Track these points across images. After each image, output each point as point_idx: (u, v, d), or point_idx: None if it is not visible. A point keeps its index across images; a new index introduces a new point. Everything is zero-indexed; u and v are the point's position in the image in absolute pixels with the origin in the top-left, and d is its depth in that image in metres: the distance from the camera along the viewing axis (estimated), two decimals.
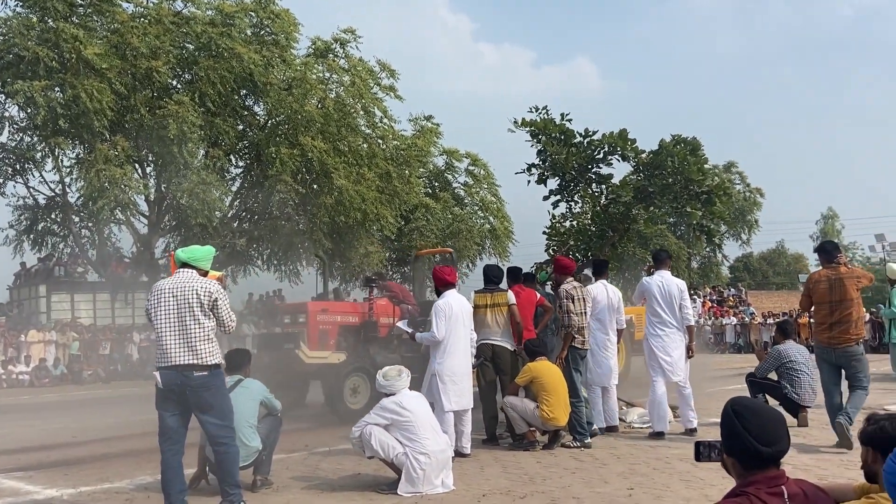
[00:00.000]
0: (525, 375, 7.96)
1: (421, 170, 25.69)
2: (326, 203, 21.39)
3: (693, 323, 8.94)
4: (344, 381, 10.58)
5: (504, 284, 8.90)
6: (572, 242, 15.05)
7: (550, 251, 15.24)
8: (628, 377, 13.32)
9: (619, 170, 22.07)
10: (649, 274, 9.14)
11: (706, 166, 14.84)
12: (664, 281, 8.74)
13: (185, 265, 5.41)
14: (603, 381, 9.04)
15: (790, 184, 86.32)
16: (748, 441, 2.44)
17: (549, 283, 12.77)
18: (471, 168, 29.30)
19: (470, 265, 29.55)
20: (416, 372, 7.71)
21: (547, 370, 7.90)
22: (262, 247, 23.87)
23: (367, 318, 11.47)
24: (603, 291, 9.14)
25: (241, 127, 22.30)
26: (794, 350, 9.48)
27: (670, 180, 14.12)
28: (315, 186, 21.91)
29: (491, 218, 29.18)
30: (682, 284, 8.84)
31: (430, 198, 26.42)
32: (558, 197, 15.30)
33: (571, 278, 8.76)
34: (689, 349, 8.67)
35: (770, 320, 28.26)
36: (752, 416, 2.48)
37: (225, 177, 22.22)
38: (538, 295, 9.60)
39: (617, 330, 9.24)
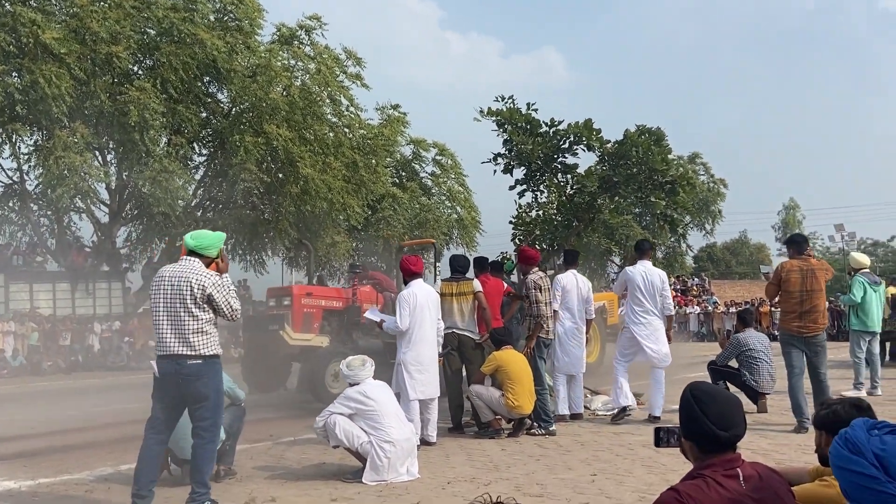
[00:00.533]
0: (490, 364, 8.00)
1: (388, 159, 25.63)
2: (292, 192, 21.26)
3: (673, 312, 9.25)
4: (326, 365, 10.64)
5: (471, 274, 8.95)
6: (538, 232, 15.14)
7: (516, 241, 15.32)
8: (603, 364, 13.52)
9: (585, 160, 22.34)
10: (632, 264, 9.28)
11: (670, 156, 14.99)
12: (647, 271, 8.91)
13: (191, 252, 5.28)
14: (570, 370, 9.14)
15: (753, 174, 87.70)
16: (706, 425, 2.48)
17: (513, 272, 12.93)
18: (438, 158, 29.32)
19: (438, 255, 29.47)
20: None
21: (512, 359, 7.96)
22: (226, 236, 23.63)
23: (350, 303, 11.60)
24: (573, 281, 9.24)
25: (204, 114, 22.02)
26: (754, 338, 9.64)
27: (635, 170, 14.25)
28: (280, 175, 21.76)
29: (458, 208, 29.23)
30: (664, 275, 9.04)
31: (397, 187, 26.38)
32: (524, 187, 15.34)
33: (537, 268, 8.84)
34: (667, 336, 8.91)
35: (732, 309, 28.67)
36: (711, 401, 2.52)
37: (188, 165, 21.94)
38: (505, 284, 9.68)
39: (586, 320, 9.36)
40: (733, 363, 9.75)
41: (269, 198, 22.48)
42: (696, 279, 38.47)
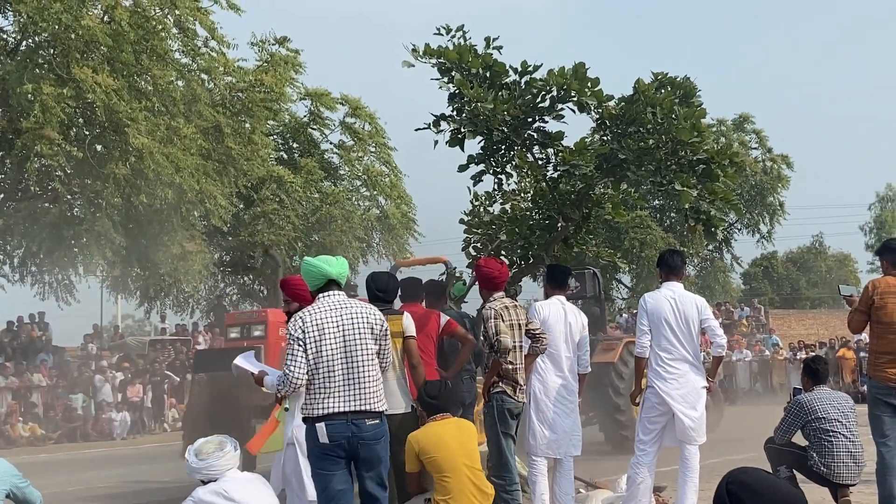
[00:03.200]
0: (410, 454, 7.90)
1: (270, 122, 25.75)
2: (118, 174, 21.06)
3: (724, 353, 9.49)
4: None
5: (398, 304, 9.09)
6: (503, 237, 15.05)
7: (471, 250, 15.09)
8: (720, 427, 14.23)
9: (575, 126, 22.24)
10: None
11: (704, 121, 14.99)
12: (677, 297, 9.07)
13: (332, 284, 7.12)
14: (555, 450, 9.16)
15: (831, 152, 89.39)
16: None
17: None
18: (349, 121, 29.33)
19: (350, 273, 29.35)
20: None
21: (440, 436, 7.87)
22: (10, 243, 23.40)
23: None
24: (559, 313, 9.31)
25: None
26: (827, 401, 9.66)
27: (651, 142, 14.16)
28: (99, 148, 21.62)
29: (381, 198, 29.41)
30: (702, 301, 9.25)
31: (284, 167, 26.26)
32: (482, 166, 15.17)
33: (502, 293, 8.88)
34: (708, 384, 9.16)
35: (802, 354, 29.09)
36: (752, 498, 2.62)
37: None
38: (443, 318, 9.64)
39: (579, 375, 9.44)
40: (800, 439, 9.78)
41: (80, 183, 22.24)
42: (745, 309, 38.80)
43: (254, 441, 8.33)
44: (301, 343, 6.93)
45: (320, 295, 7.10)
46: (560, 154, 14.32)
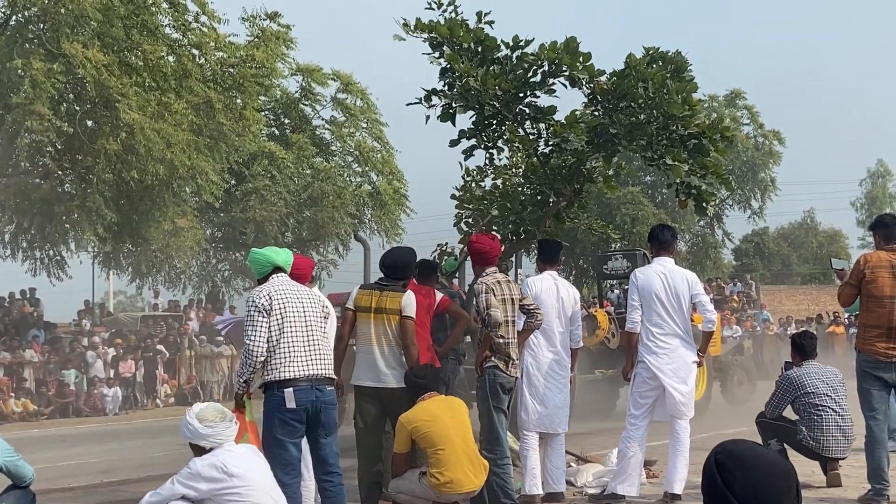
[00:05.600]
0: (400, 434, 7.96)
1: (262, 98, 25.63)
2: (108, 150, 21.04)
3: (714, 328, 9.60)
4: None
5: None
6: (495, 212, 14.90)
7: (463, 226, 14.93)
8: (711, 401, 14.97)
9: (567, 100, 22.06)
10: (646, 262, 9.47)
11: (696, 96, 14.96)
12: (667, 273, 9.11)
13: (278, 270, 7.64)
14: (546, 425, 9.19)
15: (821, 125, 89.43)
16: None
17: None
18: (341, 97, 29.32)
19: (341, 248, 29.37)
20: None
21: (433, 412, 7.95)
22: (1, 219, 23.50)
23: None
24: (551, 288, 9.34)
25: None
26: (816, 375, 9.82)
27: (642, 117, 14.13)
28: (90, 123, 21.57)
29: (373, 174, 29.36)
30: (693, 277, 9.30)
31: (275, 143, 26.18)
32: (473, 141, 15.02)
33: (495, 269, 8.88)
34: (699, 357, 9.22)
35: (792, 329, 29.26)
36: (740, 469, 2.60)
37: None
38: (438, 295, 9.76)
39: (571, 349, 9.46)
40: (791, 413, 9.96)
41: (71, 159, 22.22)
42: (737, 284, 39.03)
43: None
44: (265, 314, 7.34)
45: (272, 276, 7.62)
46: (552, 129, 14.24)
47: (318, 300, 7.76)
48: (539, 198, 15.13)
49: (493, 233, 13.36)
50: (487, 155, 15.16)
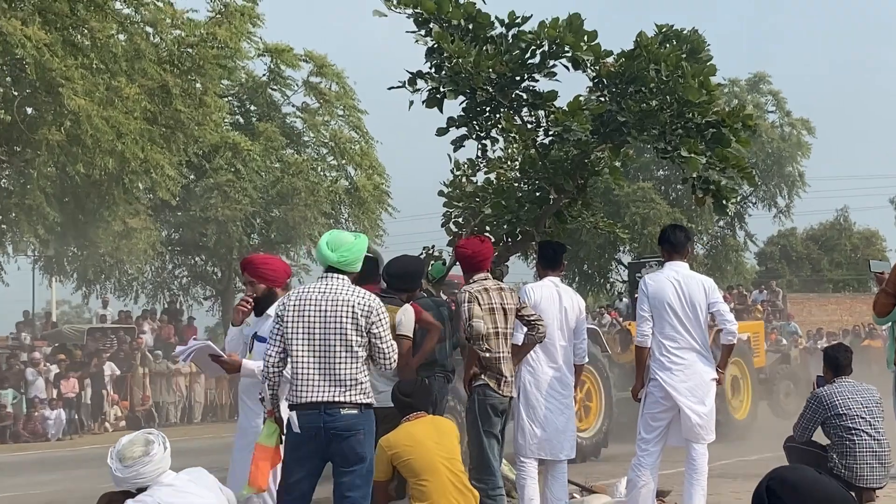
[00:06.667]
0: (381, 459, 7.71)
1: (224, 82, 25.73)
2: (51, 140, 20.60)
3: (735, 340, 9.30)
4: None
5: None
6: (488, 211, 14.69)
7: (451, 226, 14.85)
8: (756, 420, 16.11)
9: (569, 85, 21.93)
10: (658, 266, 9.58)
11: (715, 80, 14.75)
12: (681, 279, 8.94)
13: (331, 269, 7.05)
14: (547, 451, 9.13)
15: (855, 115, 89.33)
16: None
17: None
18: (314, 80, 29.26)
19: (314, 252, 29.59)
20: None
21: (413, 436, 7.81)
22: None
23: None
24: (553, 297, 9.27)
25: None
26: (849, 394, 9.55)
27: (654, 103, 13.91)
28: (30, 110, 21.33)
29: (351, 168, 29.50)
30: (710, 283, 9.14)
31: (240, 132, 26.42)
32: (463, 130, 14.84)
33: (485, 274, 8.89)
34: (718, 375, 9.09)
35: (823, 342, 28.86)
36: (793, 498, 2.84)
37: None
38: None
39: (575, 365, 9.39)
40: (821, 437, 9.72)
41: (8, 151, 21.85)
42: (761, 292, 38.28)
43: (255, 477, 7.62)
44: (279, 321, 7.11)
45: (325, 276, 7.18)
46: (552, 117, 14.35)
47: (348, 309, 6.98)
48: (537, 194, 15.13)
49: (486, 234, 13.55)
50: (480, 146, 15.15)
